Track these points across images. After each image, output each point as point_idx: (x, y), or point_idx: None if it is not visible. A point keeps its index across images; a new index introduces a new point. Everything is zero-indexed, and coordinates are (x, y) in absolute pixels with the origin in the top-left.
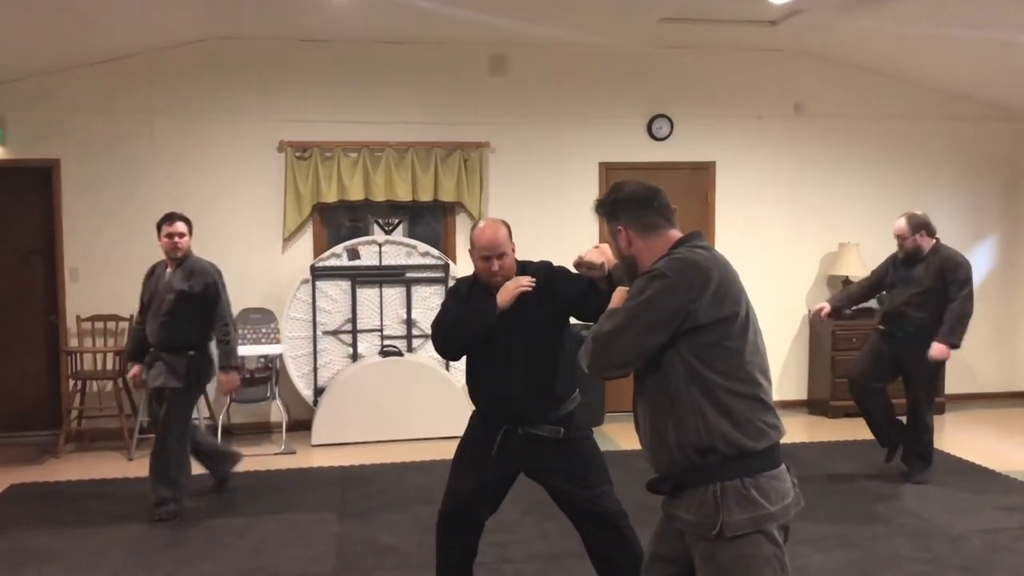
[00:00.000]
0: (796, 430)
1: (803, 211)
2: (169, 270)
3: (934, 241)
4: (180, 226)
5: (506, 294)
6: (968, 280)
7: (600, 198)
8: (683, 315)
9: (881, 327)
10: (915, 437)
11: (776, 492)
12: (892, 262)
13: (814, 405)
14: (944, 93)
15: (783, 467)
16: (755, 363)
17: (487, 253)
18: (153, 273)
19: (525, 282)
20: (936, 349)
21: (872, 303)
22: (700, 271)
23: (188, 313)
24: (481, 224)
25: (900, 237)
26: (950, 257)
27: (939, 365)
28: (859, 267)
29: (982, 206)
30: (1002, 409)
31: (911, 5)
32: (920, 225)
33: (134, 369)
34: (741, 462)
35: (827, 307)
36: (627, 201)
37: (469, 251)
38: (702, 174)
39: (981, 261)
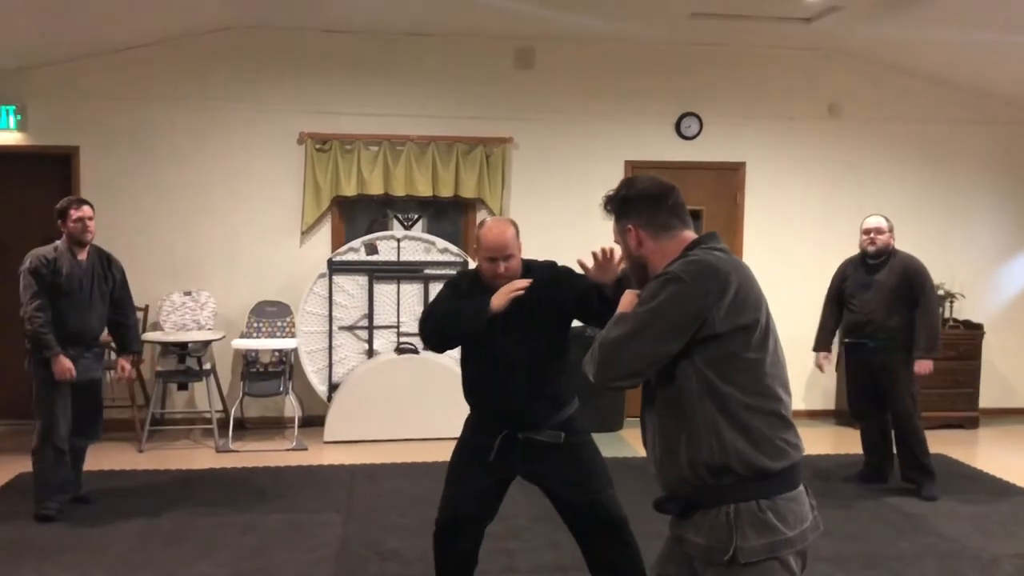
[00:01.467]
0: (822, 441)
1: (836, 216)
2: (81, 257)
3: None
4: (89, 210)
5: (501, 297)
6: (934, 289)
7: (609, 193)
8: (699, 322)
9: (848, 340)
10: (909, 450)
11: (794, 515)
12: (846, 268)
13: (841, 416)
14: (985, 95)
15: (802, 488)
16: (775, 376)
17: (493, 254)
18: (53, 262)
19: (519, 286)
20: (922, 366)
21: None
22: (718, 275)
23: (108, 301)
24: (488, 223)
25: (878, 232)
26: (914, 264)
27: (912, 372)
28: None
29: (1023, 213)
30: None
31: (950, 5)
32: (892, 226)
33: (67, 362)
34: (757, 483)
35: (824, 355)
36: (639, 198)
37: (475, 249)
38: (731, 175)
39: (1022, 270)
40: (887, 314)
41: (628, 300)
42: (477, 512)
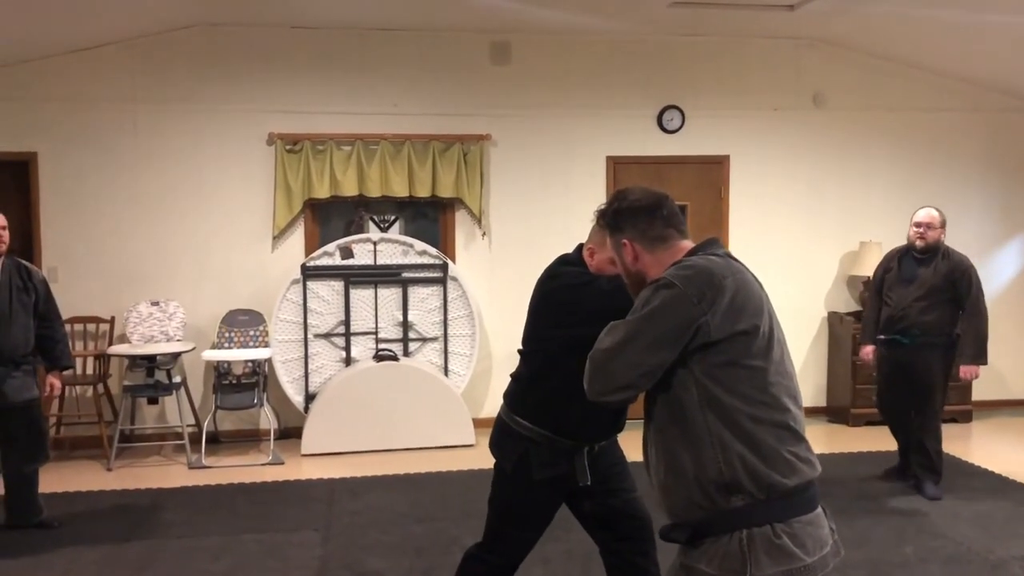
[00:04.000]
0: (814, 439)
1: (822, 208)
2: None
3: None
4: (2, 219)
5: None
6: (982, 291)
7: (601, 208)
8: (693, 329)
9: (883, 336)
10: (926, 450)
11: (813, 540)
12: (891, 260)
13: (834, 412)
14: (971, 83)
15: (820, 510)
16: (781, 385)
17: None
18: None
19: None
20: (968, 371)
21: None
22: (712, 279)
23: (32, 314)
24: None
25: (929, 227)
26: (964, 264)
27: (949, 371)
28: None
29: (1011, 202)
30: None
31: None
32: (944, 219)
33: None
34: (771, 505)
35: (872, 349)
36: (631, 211)
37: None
38: (715, 168)
39: (1010, 260)
40: (923, 311)
41: None
42: None
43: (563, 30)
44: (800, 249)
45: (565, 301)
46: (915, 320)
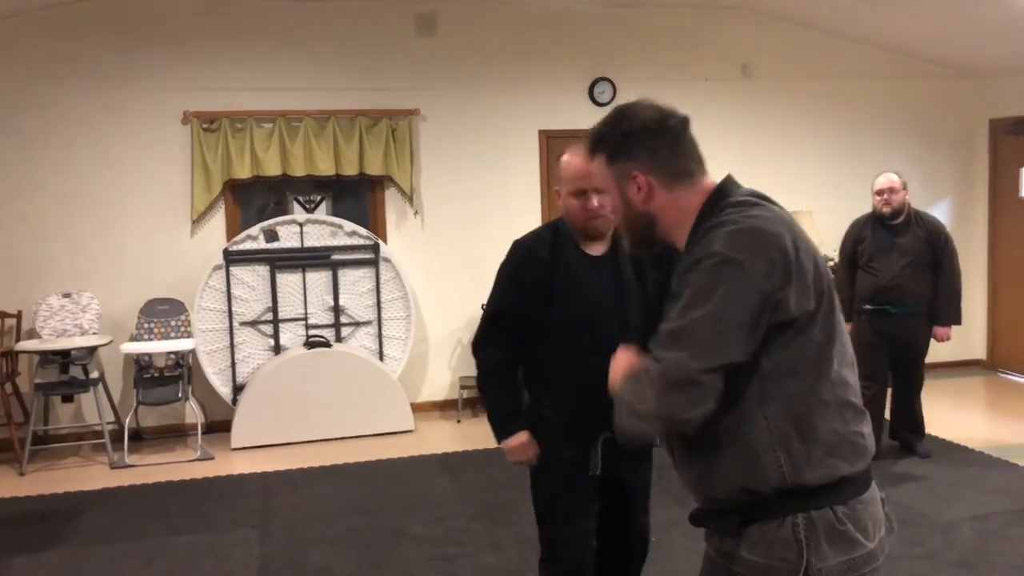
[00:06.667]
0: None
1: (754, 178)
2: None
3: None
4: None
5: (517, 454)
6: (956, 251)
7: (600, 127)
8: (770, 311)
9: (869, 307)
10: (912, 414)
11: (872, 521)
12: (860, 230)
13: None
14: (895, 51)
15: (874, 484)
16: (844, 356)
17: (582, 184)
18: None
19: (531, 458)
20: (943, 333)
21: None
22: (777, 241)
23: None
24: (568, 152)
25: (891, 191)
26: (937, 225)
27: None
28: (812, 235)
29: (935, 168)
30: (957, 379)
31: None
32: (904, 182)
33: None
34: (833, 489)
35: (849, 325)
36: (648, 133)
37: (556, 191)
38: None
39: None
40: (911, 278)
41: (627, 364)
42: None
43: (490, 0)
44: None
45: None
46: (909, 289)
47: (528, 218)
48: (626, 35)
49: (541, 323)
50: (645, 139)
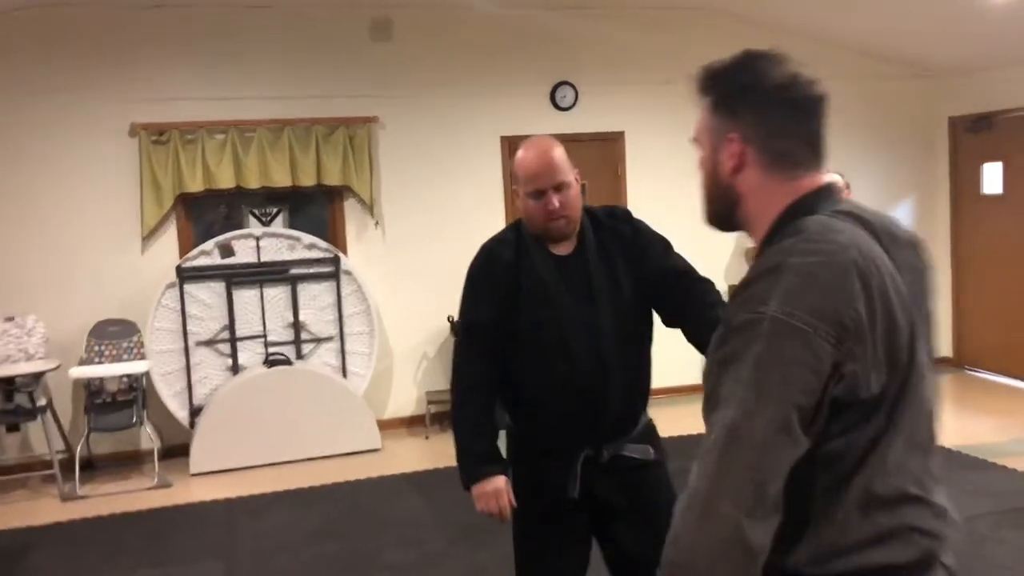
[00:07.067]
0: (695, 418)
1: None
2: None
3: None
4: None
5: (484, 503)
6: None
7: (718, 67)
8: (827, 383)
9: None
10: None
11: None
12: None
13: None
14: (855, 51)
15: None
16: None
17: (539, 184)
18: None
19: (504, 512)
20: None
21: None
22: (849, 279)
23: None
24: (525, 145)
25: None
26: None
27: None
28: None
29: (896, 167)
30: None
31: None
32: (847, 182)
33: None
34: None
35: None
36: (763, 93)
37: (513, 189)
38: (611, 145)
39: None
40: None
41: None
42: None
43: (447, 4)
44: (698, 223)
45: None
46: None
47: (492, 226)
48: (587, 39)
49: (507, 329)
50: (759, 100)
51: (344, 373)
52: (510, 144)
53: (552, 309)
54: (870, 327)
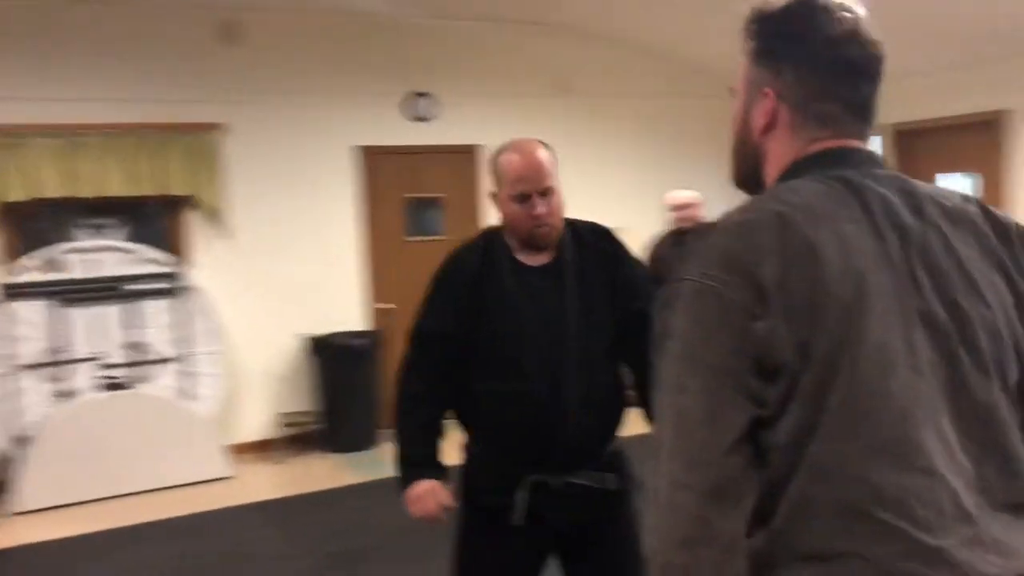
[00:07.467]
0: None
1: (574, 196)
2: None
3: None
4: None
5: (416, 507)
6: None
7: (767, 10)
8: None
9: None
10: None
11: None
12: (660, 250)
13: None
14: (692, 69)
15: None
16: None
17: (525, 187)
18: None
19: (439, 514)
20: None
21: None
22: (762, 240)
23: None
24: (508, 145)
25: (694, 206)
26: None
27: None
28: (638, 253)
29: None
30: None
31: None
32: (703, 198)
33: None
34: None
35: None
36: (816, 50)
37: (492, 194)
38: (468, 158)
39: None
40: None
41: None
42: None
43: (298, 7)
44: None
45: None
46: None
47: (344, 238)
48: (443, 49)
49: (465, 340)
50: (805, 56)
51: (189, 396)
52: (365, 154)
53: (511, 323)
54: (778, 286)
